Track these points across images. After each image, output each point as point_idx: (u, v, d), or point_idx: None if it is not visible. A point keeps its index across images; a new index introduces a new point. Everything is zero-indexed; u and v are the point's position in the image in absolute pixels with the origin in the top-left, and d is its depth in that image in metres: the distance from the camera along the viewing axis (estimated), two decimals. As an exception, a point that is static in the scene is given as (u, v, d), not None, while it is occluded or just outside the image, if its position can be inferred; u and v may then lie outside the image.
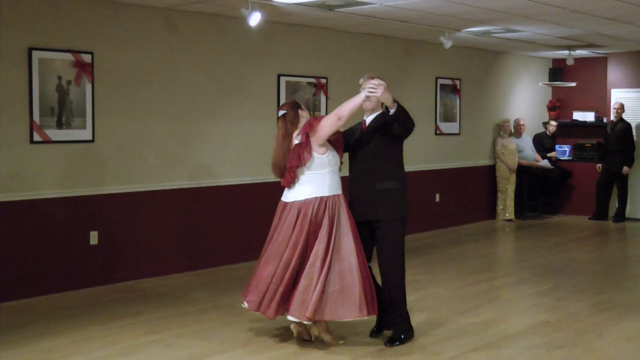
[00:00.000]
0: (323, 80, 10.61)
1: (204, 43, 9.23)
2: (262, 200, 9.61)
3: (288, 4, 8.44)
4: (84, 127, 8.15)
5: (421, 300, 7.72)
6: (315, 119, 6.22)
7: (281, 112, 6.34)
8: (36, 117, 7.78)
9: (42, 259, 7.95)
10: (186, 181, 9.11)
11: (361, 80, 6.28)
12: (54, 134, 7.94)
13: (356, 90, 11.22)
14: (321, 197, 6.06)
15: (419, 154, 12.21)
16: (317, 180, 6.10)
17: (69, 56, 8.00)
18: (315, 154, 6.08)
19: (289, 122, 6.25)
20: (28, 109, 7.73)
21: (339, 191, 6.18)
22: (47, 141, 7.90)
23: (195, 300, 7.81)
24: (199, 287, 8.45)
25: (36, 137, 7.81)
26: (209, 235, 9.36)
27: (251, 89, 9.75)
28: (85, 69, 8.12)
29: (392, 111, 5.89)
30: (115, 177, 8.47)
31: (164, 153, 8.90)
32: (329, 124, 6.02)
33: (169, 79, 8.89)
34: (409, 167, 11.71)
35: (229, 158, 9.61)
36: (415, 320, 6.85)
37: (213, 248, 9.40)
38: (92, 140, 8.23)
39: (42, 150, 7.91)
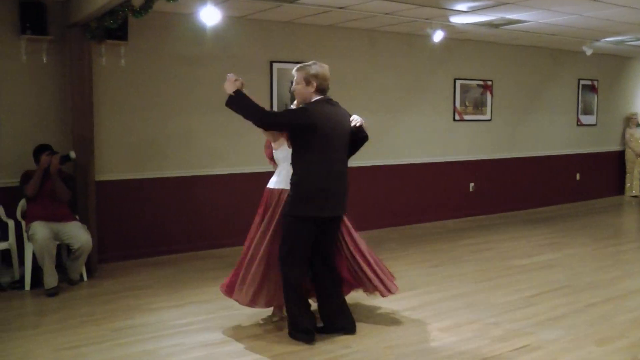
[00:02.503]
0: (489, 82, 10.37)
1: (398, 54, 9.24)
2: (433, 177, 9.71)
3: (463, 24, 8.33)
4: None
5: (560, 259, 7.46)
6: None
7: None
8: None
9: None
10: (386, 159, 9.28)
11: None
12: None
13: (516, 90, 10.89)
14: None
15: (563, 141, 11.75)
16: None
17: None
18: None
19: None
20: (269, 104, 8.00)
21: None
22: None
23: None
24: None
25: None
26: (412, 197, 9.47)
27: (433, 90, 9.69)
28: (309, 75, 8.37)
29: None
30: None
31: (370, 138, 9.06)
32: None
33: (371, 81, 8.99)
34: (554, 152, 11.46)
35: (416, 142, 9.63)
36: (554, 276, 6.67)
37: (411, 208, 9.52)
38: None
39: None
